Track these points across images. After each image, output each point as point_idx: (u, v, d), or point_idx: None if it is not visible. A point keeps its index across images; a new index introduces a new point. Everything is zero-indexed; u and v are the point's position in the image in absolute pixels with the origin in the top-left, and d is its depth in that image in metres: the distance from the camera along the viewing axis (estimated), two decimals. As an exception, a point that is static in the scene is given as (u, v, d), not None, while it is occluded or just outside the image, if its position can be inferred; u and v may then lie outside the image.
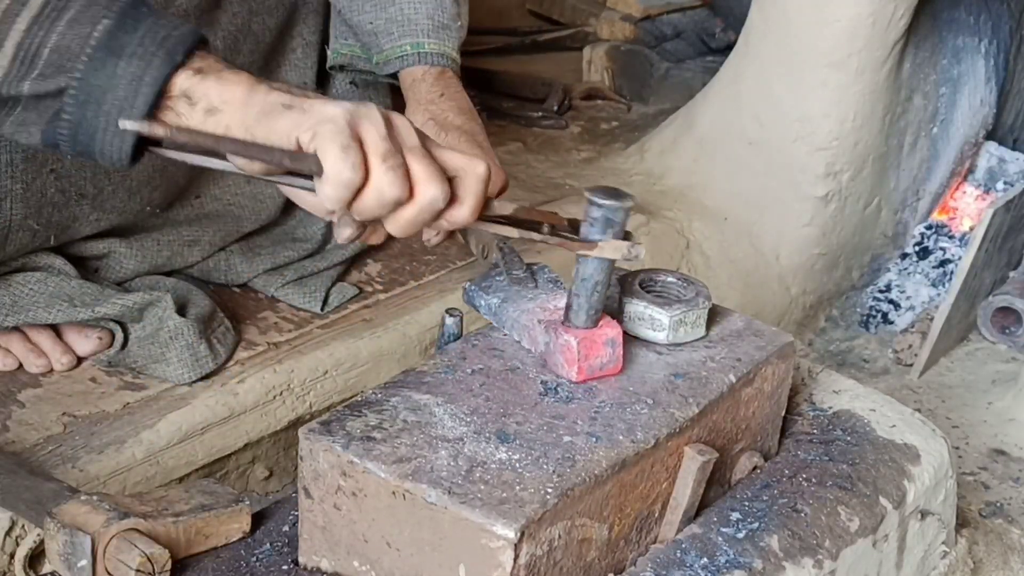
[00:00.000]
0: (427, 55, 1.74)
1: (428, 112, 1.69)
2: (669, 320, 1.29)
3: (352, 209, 1.12)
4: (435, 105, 1.70)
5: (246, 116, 1.13)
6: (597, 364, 1.23)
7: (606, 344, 1.23)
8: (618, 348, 1.24)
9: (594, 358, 1.23)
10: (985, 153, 2.57)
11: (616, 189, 1.21)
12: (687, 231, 2.30)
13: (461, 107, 1.71)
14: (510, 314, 1.31)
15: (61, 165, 1.56)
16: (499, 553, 1.04)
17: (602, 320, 1.24)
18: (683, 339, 1.31)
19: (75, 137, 1.13)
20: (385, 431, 1.14)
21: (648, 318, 1.29)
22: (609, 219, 1.19)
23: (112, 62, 1.11)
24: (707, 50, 3.18)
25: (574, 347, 1.22)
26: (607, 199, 1.18)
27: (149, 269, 1.74)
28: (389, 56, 1.75)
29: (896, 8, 2.18)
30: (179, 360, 1.61)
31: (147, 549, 1.13)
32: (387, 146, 1.11)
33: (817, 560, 1.27)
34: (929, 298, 2.45)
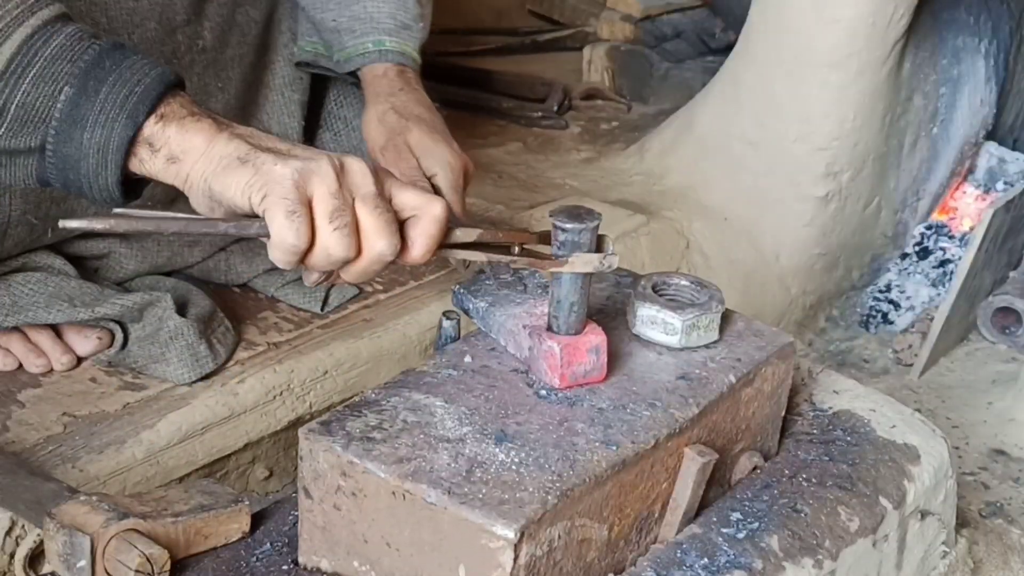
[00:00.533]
0: (388, 52, 1.77)
1: (388, 102, 1.72)
2: (681, 324, 1.28)
3: (305, 264, 1.15)
4: (395, 97, 1.73)
5: (205, 167, 1.15)
6: (580, 371, 1.22)
7: (589, 352, 1.22)
8: (602, 356, 1.23)
9: (577, 365, 1.22)
10: (985, 153, 2.57)
11: (580, 209, 1.20)
12: (687, 231, 2.30)
13: (420, 100, 1.74)
14: (496, 319, 1.30)
15: None
16: (499, 553, 1.04)
17: (587, 327, 1.23)
18: (696, 343, 1.30)
19: (67, 188, 1.18)
20: (385, 431, 1.14)
21: (661, 322, 1.29)
22: (575, 241, 1.19)
23: (78, 133, 1.14)
24: (707, 50, 3.18)
25: (557, 354, 1.21)
26: (570, 222, 1.18)
27: (149, 269, 1.74)
28: (351, 53, 1.78)
29: (896, 8, 2.19)
30: (179, 360, 1.61)
31: (146, 550, 1.13)
32: (335, 204, 1.13)
33: (817, 560, 1.27)
34: (929, 298, 2.45)
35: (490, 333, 1.31)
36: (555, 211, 1.20)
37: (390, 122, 1.70)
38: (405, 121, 1.68)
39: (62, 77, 1.14)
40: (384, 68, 1.77)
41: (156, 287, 1.71)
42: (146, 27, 1.61)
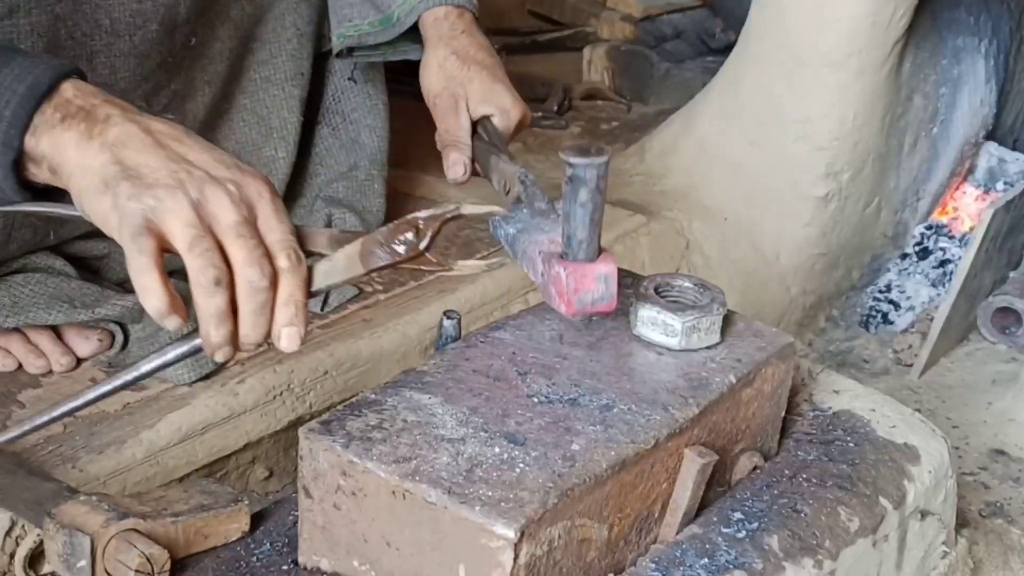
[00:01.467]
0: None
1: (450, 47, 1.70)
2: (682, 326, 1.28)
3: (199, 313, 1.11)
4: (456, 40, 1.71)
5: (79, 182, 1.11)
6: (588, 299, 1.21)
7: (598, 279, 1.20)
8: (612, 285, 1.21)
9: (584, 292, 1.20)
10: (985, 153, 2.57)
11: (591, 146, 1.20)
12: (687, 231, 2.30)
13: (481, 44, 1.72)
14: (521, 245, 1.30)
15: None
16: (499, 553, 1.04)
17: (601, 256, 1.22)
18: (696, 345, 1.30)
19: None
20: (385, 431, 1.14)
21: (661, 323, 1.29)
22: (581, 177, 1.18)
23: None
24: (707, 50, 3.18)
25: (563, 279, 1.20)
26: (578, 157, 1.18)
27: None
28: (413, 3, 1.75)
29: (896, 8, 2.18)
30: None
31: (146, 549, 1.13)
32: (191, 234, 1.09)
33: (817, 560, 1.27)
34: (929, 298, 2.45)
35: (515, 260, 1.32)
36: (566, 147, 1.20)
37: (450, 69, 1.68)
38: (466, 69, 1.67)
39: None
40: (445, 11, 1.74)
41: (156, 287, 1.71)
42: (148, 28, 1.61)
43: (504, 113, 1.67)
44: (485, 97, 1.66)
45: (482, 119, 1.67)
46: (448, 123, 1.67)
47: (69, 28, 1.53)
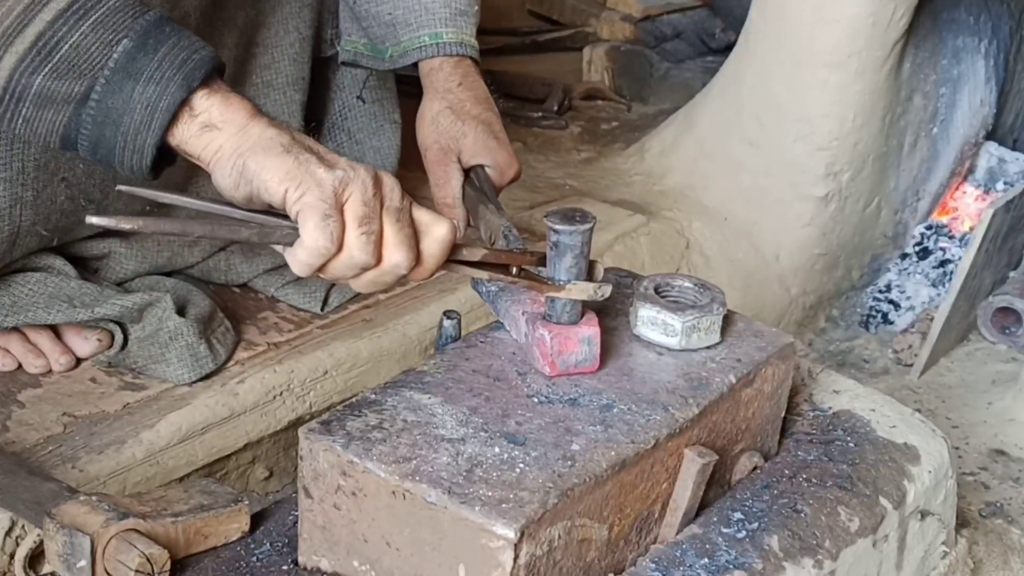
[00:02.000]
0: (446, 45, 1.72)
1: (445, 100, 1.68)
2: (681, 326, 1.28)
3: (322, 271, 1.16)
4: (452, 94, 1.69)
5: (242, 142, 1.15)
6: (571, 360, 1.23)
7: (582, 341, 1.23)
8: (595, 347, 1.24)
9: (568, 354, 1.23)
10: (985, 153, 2.57)
11: (576, 212, 1.23)
12: (687, 231, 2.30)
13: (478, 96, 1.70)
14: (503, 303, 1.32)
15: (72, 173, 1.57)
16: (499, 553, 1.04)
17: (585, 317, 1.24)
18: (696, 345, 1.30)
19: (95, 149, 1.16)
20: (385, 431, 1.14)
21: (661, 323, 1.29)
22: (567, 243, 1.21)
23: (130, 86, 1.13)
24: (707, 50, 3.18)
25: (547, 342, 1.22)
26: (563, 224, 1.21)
27: (149, 269, 1.74)
28: (407, 48, 1.73)
29: (896, 8, 2.18)
30: (179, 360, 1.61)
31: (146, 549, 1.13)
32: (365, 211, 1.14)
33: (817, 560, 1.27)
34: (929, 298, 2.45)
35: (498, 316, 1.33)
36: (551, 213, 1.23)
37: (443, 124, 1.66)
38: (460, 123, 1.65)
39: (122, 28, 1.13)
40: (440, 62, 1.72)
41: (156, 287, 1.71)
42: None
43: (498, 168, 1.65)
44: (478, 153, 1.65)
45: (475, 167, 1.66)
46: (437, 177, 1.65)
47: None
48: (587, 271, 1.25)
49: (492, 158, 1.64)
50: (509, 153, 1.67)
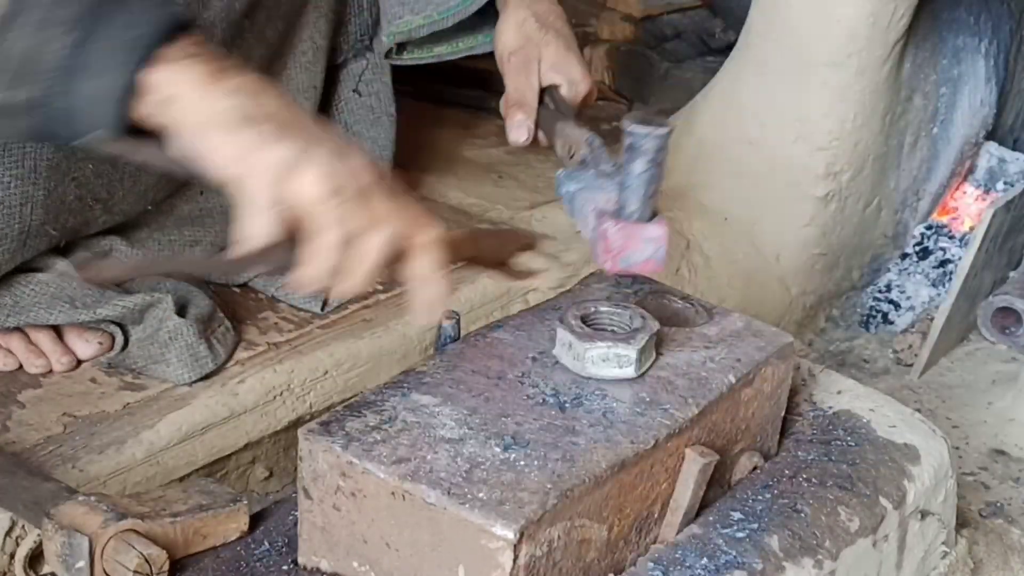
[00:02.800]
0: None
1: (531, 9, 1.67)
2: (636, 352, 1.24)
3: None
4: (537, 4, 1.68)
5: (195, 116, 1.08)
6: (633, 258, 1.22)
7: (646, 240, 1.22)
8: (661, 248, 1.22)
9: (630, 251, 1.22)
10: (985, 153, 2.57)
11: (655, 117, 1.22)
12: (687, 231, 2.30)
13: (558, 12, 1.70)
14: (579, 202, 1.32)
15: (82, 172, 1.56)
16: (498, 554, 1.04)
17: (655, 219, 1.23)
18: (645, 368, 1.26)
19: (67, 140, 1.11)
20: (384, 431, 1.14)
21: (614, 357, 1.23)
22: (640, 146, 1.20)
23: (75, 84, 1.07)
24: (707, 50, 3.18)
25: (611, 236, 1.21)
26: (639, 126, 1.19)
27: (150, 270, 1.74)
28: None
29: (896, 8, 2.18)
30: (179, 360, 1.61)
31: (144, 550, 1.13)
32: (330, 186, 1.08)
33: (817, 560, 1.27)
34: (929, 298, 2.45)
35: (571, 216, 1.33)
36: (629, 115, 1.22)
37: (528, 30, 1.66)
38: (544, 32, 1.65)
39: (62, 23, 1.06)
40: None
41: (156, 288, 1.71)
42: None
43: (573, 84, 1.64)
44: (557, 64, 1.64)
45: (549, 88, 1.65)
46: (519, 83, 1.63)
47: None
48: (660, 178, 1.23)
49: (568, 72, 1.64)
50: (585, 69, 1.67)
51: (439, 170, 2.30)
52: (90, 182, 1.58)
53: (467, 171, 2.35)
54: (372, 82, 2.01)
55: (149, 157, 1.13)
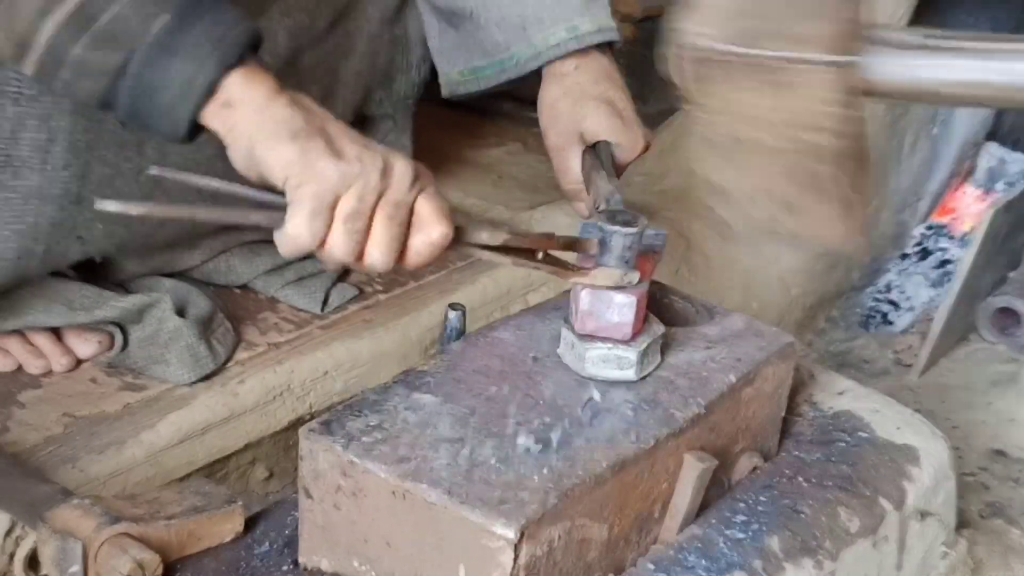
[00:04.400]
0: (584, 36, 1.61)
1: (561, 86, 1.61)
2: (637, 354, 1.25)
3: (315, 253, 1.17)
4: (569, 78, 1.60)
5: (254, 123, 1.15)
6: (600, 322, 1.23)
7: (614, 307, 1.23)
8: (629, 315, 1.23)
9: (597, 315, 1.23)
10: (985, 154, 2.57)
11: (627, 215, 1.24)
12: (687, 231, 2.30)
13: (597, 76, 1.61)
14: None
15: (90, 232, 1.54)
16: (499, 553, 1.04)
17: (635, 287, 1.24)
18: (648, 371, 1.27)
19: (130, 117, 1.17)
20: (385, 431, 1.14)
21: (615, 359, 1.25)
22: (608, 243, 1.22)
23: (166, 61, 1.13)
24: (707, 50, 3.17)
25: (580, 299, 1.23)
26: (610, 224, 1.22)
27: (148, 271, 1.74)
28: (539, 48, 1.62)
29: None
30: (179, 361, 1.61)
31: (138, 555, 1.13)
32: (356, 208, 1.14)
33: (817, 561, 1.27)
34: (929, 299, 2.45)
35: None
36: (601, 211, 1.25)
37: (561, 110, 1.59)
38: (579, 108, 1.57)
39: (162, 2, 1.14)
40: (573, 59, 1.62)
41: (155, 288, 1.71)
42: None
43: (621, 147, 1.58)
44: (599, 134, 1.57)
45: (599, 142, 1.58)
46: (557, 164, 1.59)
47: None
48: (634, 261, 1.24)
49: (615, 138, 1.57)
50: (634, 131, 1.58)
51: (439, 170, 2.29)
52: (99, 241, 1.57)
53: (467, 171, 2.35)
54: (393, 144, 1.99)
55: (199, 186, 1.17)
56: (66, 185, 1.48)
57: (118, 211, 1.11)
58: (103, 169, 1.51)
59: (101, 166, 1.50)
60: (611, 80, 1.62)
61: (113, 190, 1.52)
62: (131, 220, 1.52)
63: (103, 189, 1.51)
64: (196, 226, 1.67)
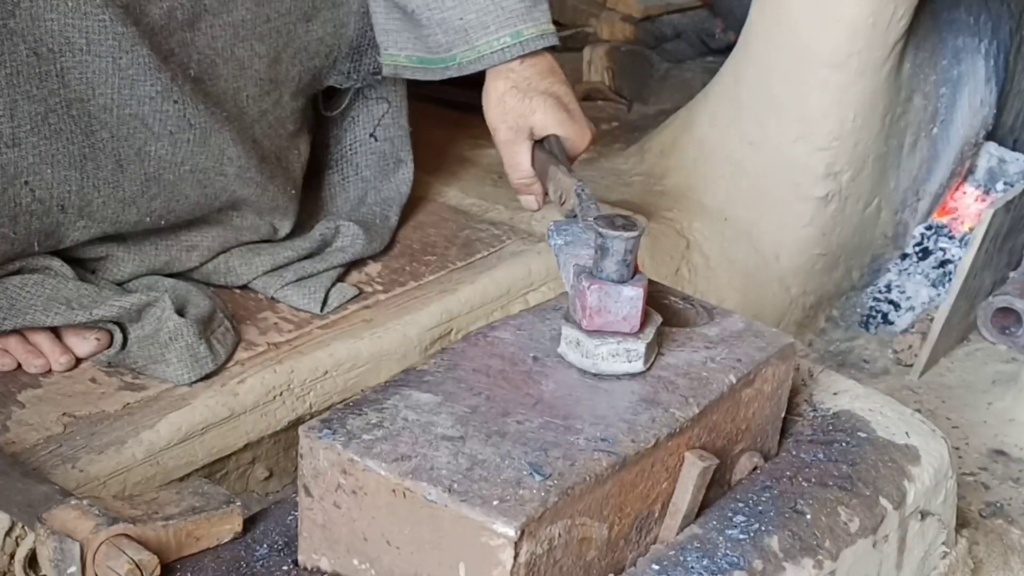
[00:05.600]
0: (528, 42, 1.67)
1: (509, 80, 1.66)
2: (645, 347, 1.25)
3: None
4: (515, 72, 1.66)
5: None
6: (608, 317, 1.23)
7: (622, 301, 1.23)
8: (636, 309, 1.23)
9: (607, 312, 1.23)
10: (985, 154, 2.57)
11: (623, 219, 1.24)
12: (687, 231, 2.30)
13: (542, 70, 1.67)
14: (562, 256, 1.35)
15: (38, 177, 1.53)
16: (499, 551, 1.04)
17: (635, 277, 1.24)
18: (651, 361, 1.28)
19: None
20: (385, 429, 1.14)
21: (624, 352, 1.25)
22: (607, 248, 1.22)
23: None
24: (707, 50, 3.18)
25: (587, 295, 1.23)
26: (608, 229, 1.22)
27: (147, 272, 1.74)
28: (483, 52, 1.67)
29: (896, 8, 2.18)
30: (179, 360, 1.61)
31: (135, 556, 1.13)
32: None
33: (817, 560, 1.27)
34: (929, 298, 2.45)
35: (559, 268, 1.37)
36: (600, 217, 1.24)
37: (510, 104, 1.65)
38: (528, 100, 1.64)
39: None
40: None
41: (155, 287, 1.71)
42: (138, 52, 1.55)
43: (570, 140, 1.65)
44: (549, 126, 1.64)
45: (548, 137, 1.65)
46: (508, 158, 1.65)
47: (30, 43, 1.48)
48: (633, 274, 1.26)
49: (564, 131, 1.64)
50: (581, 124, 1.66)
51: (439, 170, 2.30)
52: (51, 187, 1.55)
53: (466, 171, 2.35)
54: (389, 127, 1.99)
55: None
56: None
57: None
58: (31, 106, 1.49)
59: (27, 102, 1.49)
60: (555, 75, 1.68)
61: (50, 128, 1.51)
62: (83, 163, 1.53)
63: (40, 128, 1.50)
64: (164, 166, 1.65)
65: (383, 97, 1.97)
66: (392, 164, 2.01)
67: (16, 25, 1.48)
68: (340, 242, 1.90)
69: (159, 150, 1.61)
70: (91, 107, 1.54)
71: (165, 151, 1.62)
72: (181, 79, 1.61)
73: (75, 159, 1.54)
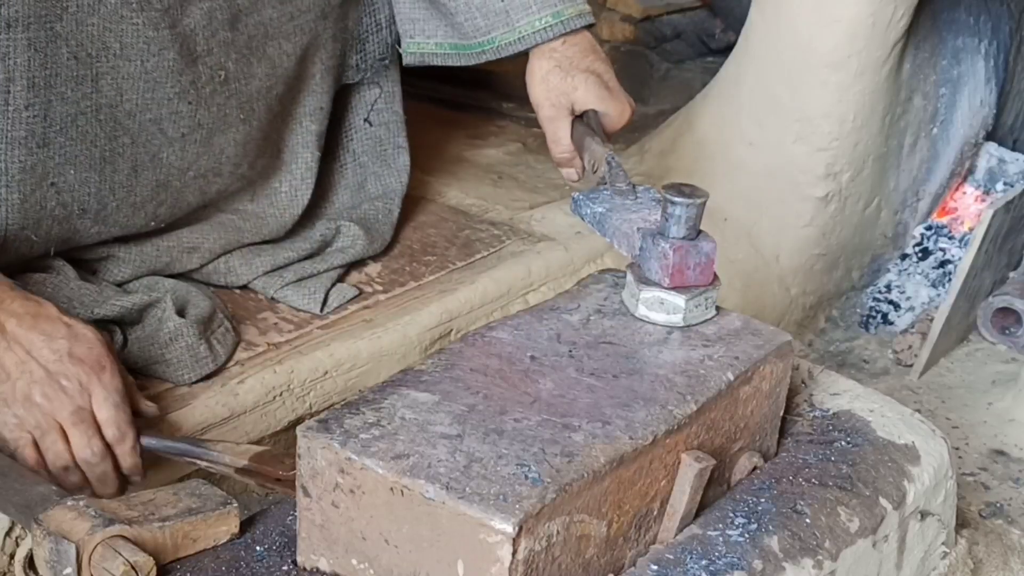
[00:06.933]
0: (569, 20, 1.73)
1: (552, 59, 1.72)
2: (685, 302, 1.33)
3: None
4: (557, 52, 1.72)
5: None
6: (688, 272, 1.32)
7: (701, 255, 1.32)
8: (711, 262, 1.33)
9: (687, 269, 1.32)
10: (985, 154, 2.57)
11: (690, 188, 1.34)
12: (687, 231, 2.30)
13: (584, 49, 1.73)
14: (612, 222, 1.42)
15: (63, 179, 1.55)
16: (497, 548, 1.04)
17: (701, 234, 1.34)
18: (698, 319, 1.35)
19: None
20: (383, 428, 1.14)
21: (662, 302, 1.34)
22: (679, 215, 1.32)
23: None
24: (707, 51, 3.18)
25: (670, 255, 1.30)
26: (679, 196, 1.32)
27: (148, 273, 1.74)
28: (523, 32, 1.74)
29: (896, 8, 2.18)
30: (179, 361, 1.61)
31: (131, 557, 1.12)
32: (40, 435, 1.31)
33: (817, 561, 1.27)
34: (929, 299, 2.45)
35: (603, 235, 1.44)
36: (668, 184, 1.34)
37: (553, 82, 1.71)
38: (570, 78, 1.70)
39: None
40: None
41: (155, 288, 1.71)
42: (164, 56, 1.58)
43: (609, 117, 1.72)
44: (589, 103, 1.71)
45: (588, 112, 1.72)
46: (551, 134, 1.72)
47: (72, 47, 1.51)
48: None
49: (604, 107, 1.71)
50: (621, 101, 1.73)
51: (439, 170, 2.30)
52: (74, 190, 1.57)
53: (467, 171, 2.35)
54: (383, 111, 1.99)
55: None
56: (30, 126, 1.49)
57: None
58: (63, 107, 1.51)
59: (61, 104, 1.51)
60: (596, 53, 1.74)
61: (78, 131, 1.53)
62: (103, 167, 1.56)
63: (68, 130, 1.52)
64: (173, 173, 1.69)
65: (374, 82, 1.98)
66: (391, 151, 2.02)
67: (62, 29, 1.49)
68: (340, 243, 1.90)
69: (170, 156, 1.64)
70: (118, 112, 1.56)
71: (175, 157, 1.64)
72: (204, 80, 1.64)
73: (96, 162, 1.56)
